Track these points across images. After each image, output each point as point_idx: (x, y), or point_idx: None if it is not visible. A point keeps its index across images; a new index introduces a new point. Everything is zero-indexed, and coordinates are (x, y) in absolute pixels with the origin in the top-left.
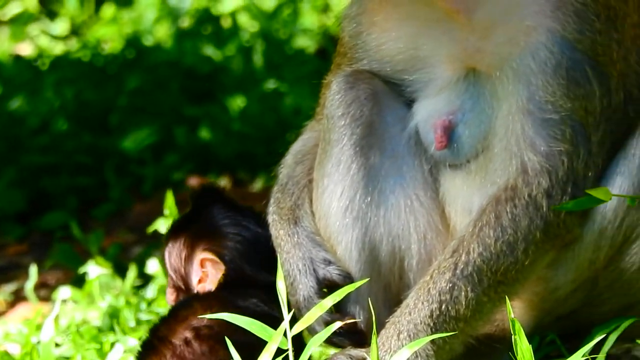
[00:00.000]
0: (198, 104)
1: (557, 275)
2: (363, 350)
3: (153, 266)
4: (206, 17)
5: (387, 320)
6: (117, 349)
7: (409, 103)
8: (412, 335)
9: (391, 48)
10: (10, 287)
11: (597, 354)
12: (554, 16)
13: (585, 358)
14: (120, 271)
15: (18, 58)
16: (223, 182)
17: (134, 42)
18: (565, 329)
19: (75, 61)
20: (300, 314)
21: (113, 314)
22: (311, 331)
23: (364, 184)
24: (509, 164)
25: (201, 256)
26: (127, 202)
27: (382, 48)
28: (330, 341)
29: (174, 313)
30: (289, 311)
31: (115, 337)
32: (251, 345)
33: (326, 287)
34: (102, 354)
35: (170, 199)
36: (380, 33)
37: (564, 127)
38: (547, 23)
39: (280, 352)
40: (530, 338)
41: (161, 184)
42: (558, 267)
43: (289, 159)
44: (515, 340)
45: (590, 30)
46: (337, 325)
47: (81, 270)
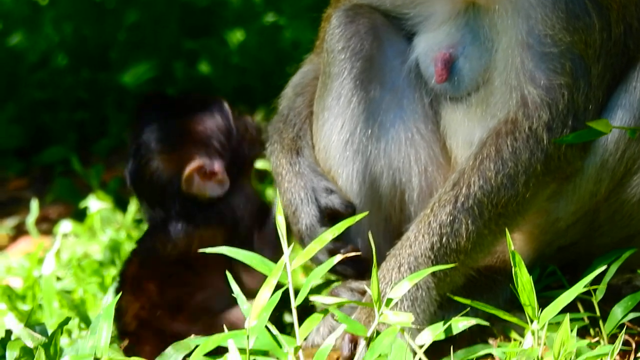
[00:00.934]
0: (197, 38)
1: (558, 207)
2: (364, 282)
3: None
4: None
5: (387, 253)
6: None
7: (409, 37)
8: (413, 268)
9: None
10: (12, 221)
11: (598, 285)
12: None
13: (586, 289)
14: (121, 205)
15: None
16: None
17: None
18: (566, 261)
19: None
20: (303, 243)
21: (114, 248)
22: (314, 260)
23: (364, 117)
24: (509, 98)
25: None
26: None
27: None
28: (333, 269)
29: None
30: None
31: (117, 270)
32: None
33: (328, 216)
34: (103, 287)
35: None
36: None
37: (563, 61)
38: None
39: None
40: (531, 270)
41: None
42: (559, 199)
43: (288, 91)
44: (516, 272)
45: None
46: (339, 257)
47: (82, 205)
